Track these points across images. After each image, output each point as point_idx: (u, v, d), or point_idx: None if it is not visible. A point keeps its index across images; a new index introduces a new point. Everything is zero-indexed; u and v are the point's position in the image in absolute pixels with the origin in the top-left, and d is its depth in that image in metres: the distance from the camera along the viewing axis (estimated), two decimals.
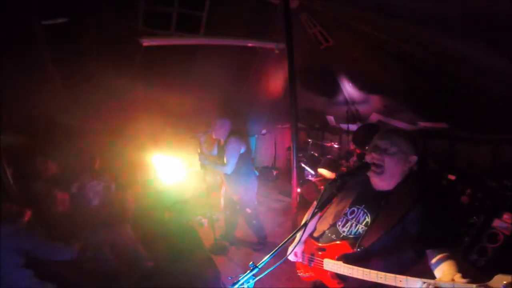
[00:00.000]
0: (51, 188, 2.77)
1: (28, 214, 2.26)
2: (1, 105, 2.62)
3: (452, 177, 3.43)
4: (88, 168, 3.13)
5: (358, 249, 1.24)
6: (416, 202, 1.21)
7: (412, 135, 1.34)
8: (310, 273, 1.52)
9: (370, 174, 1.32)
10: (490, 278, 0.81)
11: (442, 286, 0.88)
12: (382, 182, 1.33)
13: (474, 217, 3.04)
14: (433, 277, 1.04)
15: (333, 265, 1.29)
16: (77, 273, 2.49)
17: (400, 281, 0.98)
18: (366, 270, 1.11)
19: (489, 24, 2.05)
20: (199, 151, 3.22)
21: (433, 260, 1.11)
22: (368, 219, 1.31)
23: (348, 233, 1.34)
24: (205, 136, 3.33)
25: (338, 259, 1.28)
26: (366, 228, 1.29)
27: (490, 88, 2.77)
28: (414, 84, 3.46)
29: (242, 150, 3.21)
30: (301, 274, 1.60)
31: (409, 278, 0.97)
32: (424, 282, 0.92)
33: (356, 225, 1.33)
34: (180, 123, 4.12)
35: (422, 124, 4.20)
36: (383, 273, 1.04)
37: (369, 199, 1.36)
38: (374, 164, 1.29)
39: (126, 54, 3.37)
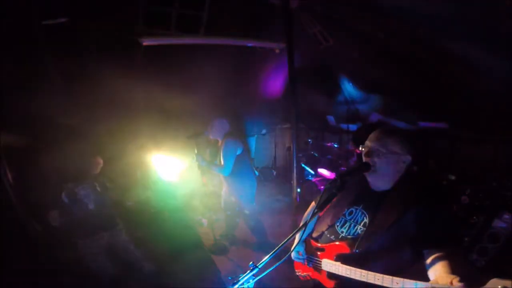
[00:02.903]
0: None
1: None
2: (1, 105, 2.62)
3: (452, 177, 3.43)
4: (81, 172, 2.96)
5: (357, 250, 1.24)
6: (414, 202, 1.21)
7: (404, 135, 1.33)
8: (308, 272, 1.52)
9: (365, 173, 1.33)
10: (489, 278, 0.81)
11: None
12: (378, 182, 1.33)
13: (474, 217, 3.03)
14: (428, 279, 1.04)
15: (331, 266, 1.29)
16: (75, 280, 2.47)
17: (397, 283, 0.98)
18: (364, 272, 1.11)
19: (489, 24, 2.05)
20: (195, 151, 3.20)
21: (428, 261, 1.11)
22: (366, 220, 1.31)
23: (346, 234, 1.34)
24: (202, 137, 3.30)
25: (336, 259, 1.28)
26: (365, 228, 1.28)
27: (490, 88, 2.77)
28: (414, 84, 3.46)
29: (239, 151, 3.16)
30: (299, 273, 1.60)
31: (405, 280, 0.97)
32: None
33: (355, 225, 1.33)
34: (180, 123, 4.12)
35: (422, 124, 4.20)
36: (380, 275, 1.04)
37: (367, 199, 1.36)
38: (365, 163, 1.30)
39: (126, 54, 3.37)
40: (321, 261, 1.37)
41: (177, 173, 3.68)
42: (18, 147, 2.83)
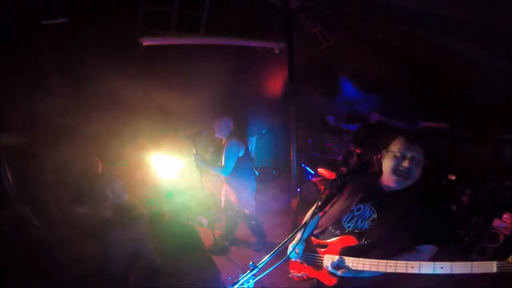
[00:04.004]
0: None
1: None
2: (1, 105, 2.62)
3: (452, 177, 3.43)
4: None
5: (366, 241, 1.26)
6: (418, 202, 1.25)
7: (421, 138, 1.37)
8: (305, 272, 1.52)
9: (391, 178, 1.34)
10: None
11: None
12: (400, 184, 1.35)
13: (474, 217, 3.03)
14: None
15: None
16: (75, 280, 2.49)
17: (412, 267, 0.99)
18: (374, 261, 1.11)
19: (489, 24, 2.05)
20: (194, 151, 3.18)
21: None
22: (374, 215, 1.33)
23: (353, 228, 1.36)
24: (201, 136, 3.29)
25: (341, 253, 1.28)
26: (373, 223, 1.31)
27: (490, 88, 2.77)
28: (414, 84, 3.46)
29: (241, 152, 3.16)
30: (294, 274, 1.59)
31: (422, 263, 0.98)
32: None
33: (362, 221, 1.35)
34: (180, 123, 4.12)
35: (423, 124, 4.20)
36: (393, 261, 1.04)
37: (377, 197, 1.39)
38: (400, 170, 1.31)
39: (126, 54, 3.37)
40: (322, 258, 1.38)
41: (176, 173, 3.67)
42: (18, 147, 2.82)
